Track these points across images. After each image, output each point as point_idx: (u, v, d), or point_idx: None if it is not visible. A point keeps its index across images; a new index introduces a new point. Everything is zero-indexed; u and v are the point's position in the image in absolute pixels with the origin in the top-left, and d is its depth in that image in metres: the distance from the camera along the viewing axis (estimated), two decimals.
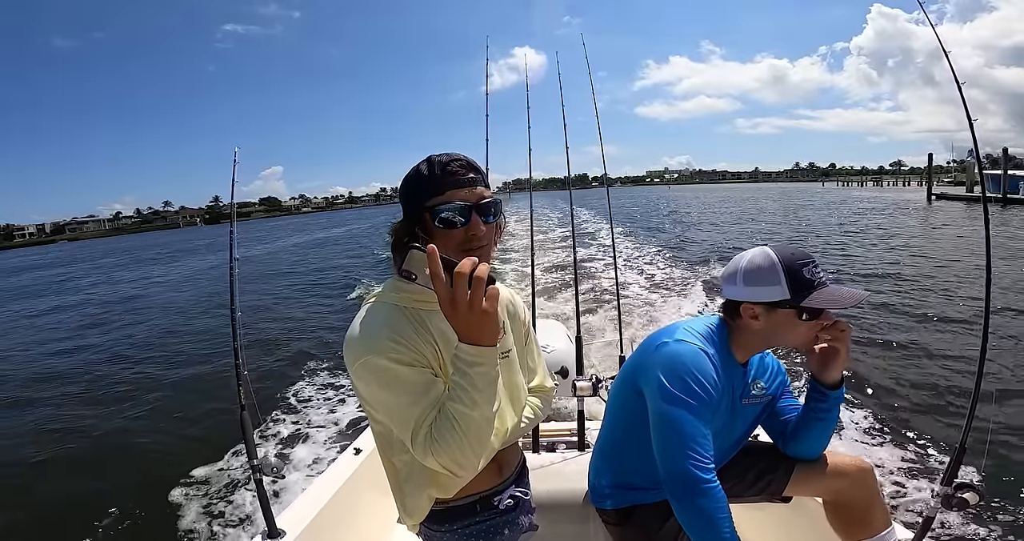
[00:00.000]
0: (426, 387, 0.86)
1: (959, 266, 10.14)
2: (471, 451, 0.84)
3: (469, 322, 0.79)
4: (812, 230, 18.91)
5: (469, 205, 0.89)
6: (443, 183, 0.89)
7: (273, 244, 31.04)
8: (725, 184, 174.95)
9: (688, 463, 1.13)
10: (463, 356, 0.82)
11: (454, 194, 0.89)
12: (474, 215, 0.90)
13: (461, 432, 0.82)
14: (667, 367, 1.20)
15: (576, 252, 3.01)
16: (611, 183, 5.34)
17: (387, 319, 0.90)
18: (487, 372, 0.83)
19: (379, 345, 0.86)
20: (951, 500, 1.27)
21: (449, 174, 0.90)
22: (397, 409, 0.86)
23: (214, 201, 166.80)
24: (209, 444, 4.29)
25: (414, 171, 0.93)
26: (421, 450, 0.85)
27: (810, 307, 1.18)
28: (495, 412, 0.86)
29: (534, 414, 1.09)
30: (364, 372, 0.87)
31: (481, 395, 0.83)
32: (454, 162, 0.90)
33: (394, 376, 0.85)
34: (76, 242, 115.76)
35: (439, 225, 0.89)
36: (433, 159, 0.92)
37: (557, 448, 2.08)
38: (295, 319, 9.37)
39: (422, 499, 0.98)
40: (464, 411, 0.82)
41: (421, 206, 0.90)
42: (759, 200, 45.95)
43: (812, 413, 1.35)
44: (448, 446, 0.83)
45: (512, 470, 1.10)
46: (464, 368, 0.82)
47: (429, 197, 0.90)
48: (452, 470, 0.85)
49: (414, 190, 0.92)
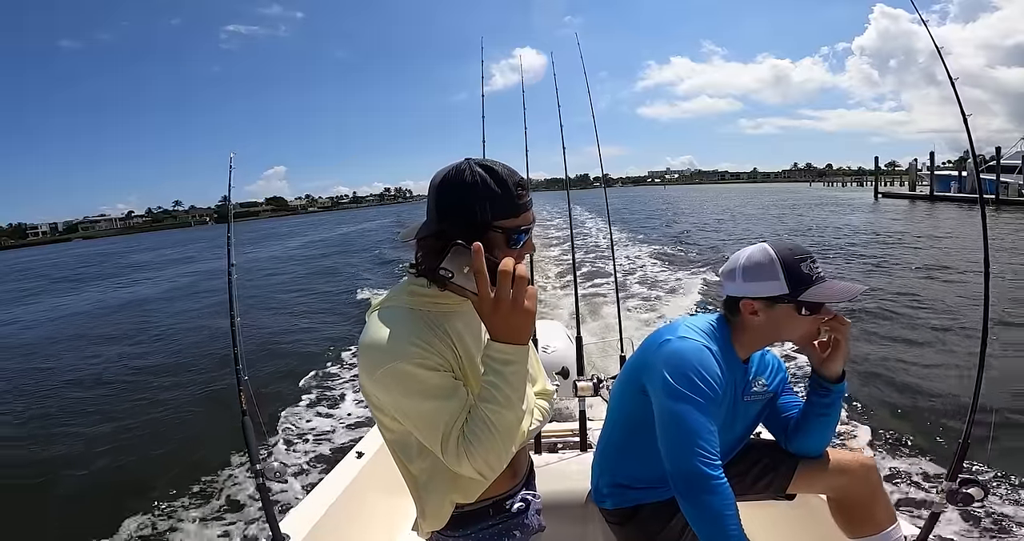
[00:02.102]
0: (452, 391, 0.85)
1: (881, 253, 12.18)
2: (504, 452, 0.84)
3: (510, 320, 0.80)
4: (759, 222, 23.44)
5: (530, 227, 0.92)
6: (518, 206, 0.89)
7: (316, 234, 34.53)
8: (723, 184, 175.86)
9: (696, 460, 1.13)
10: (497, 355, 0.82)
11: (527, 217, 0.90)
12: (529, 236, 0.92)
13: (496, 432, 0.82)
14: (672, 364, 1.20)
15: (575, 252, 3.02)
16: (612, 183, 5.34)
17: (407, 324, 0.87)
18: (520, 370, 0.83)
19: (403, 351, 0.84)
20: (956, 496, 1.27)
21: (519, 196, 0.89)
22: (425, 415, 0.84)
23: (223, 201, 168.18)
24: (211, 450, 4.29)
25: (480, 182, 0.87)
26: (454, 455, 0.83)
27: (808, 301, 1.18)
28: (526, 412, 0.86)
29: (542, 417, 1.09)
30: (388, 380, 0.84)
31: (516, 394, 0.83)
32: (521, 183, 0.90)
33: (421, 381, 0.84)
34: (91, 240, 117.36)
35: (511, 246, 0.89)
36: (501, 175, 0.88)
37: (559, 449, 2.08)
38: (297, 320, 9.39)
39: (444, 505, 0.97)
40: (499, 411, 0.82)
41: (486, 222, 0.87)
42: (736, 197, 52.56)
43: (814, 408, 1.35)
44: (483, 447, 0.82)
45: (524, 473, 1.10)
46: (498, 367, 0.82)
47: (503, 217, 0.88)
48: (483, 473, 0.84)
49: (482, 204, 0.87)
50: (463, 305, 0.91)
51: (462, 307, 0.92)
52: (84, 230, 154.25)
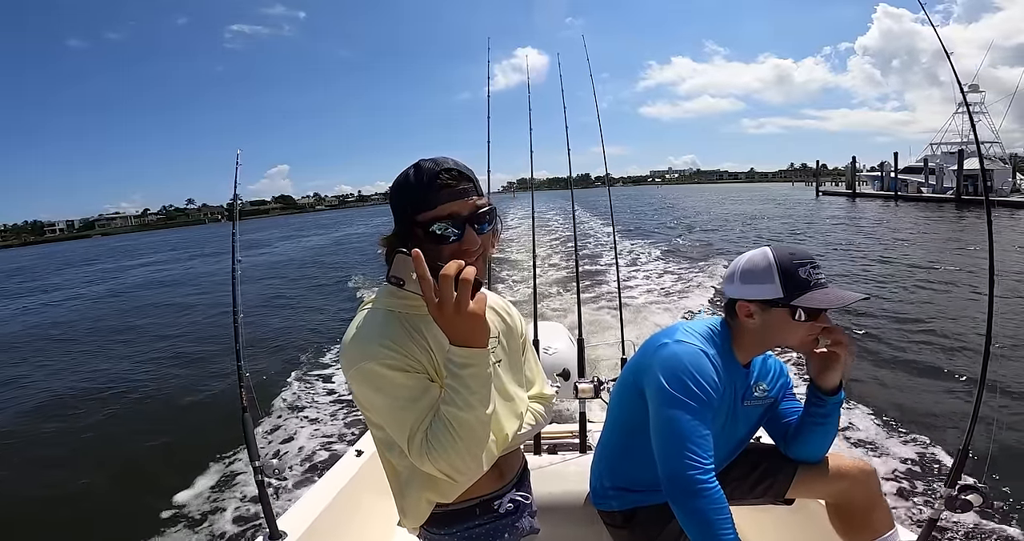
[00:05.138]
0: (421, 392, 0.86)
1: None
2: (468, 455, 0.84)
3: (456, 324, 0.79)
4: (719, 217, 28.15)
5: (463, 217, 0.87)
6: (435, 197, 0.85)
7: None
8: (721, 184, 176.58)
9: (686, 465, 1.12)
10: (454, 358, 0.82)
11: (446, 207, 0.86)
12: (468, 228, 0.87)
13: (457, 435, 0.82)
14: (667, 368, 1.20)
15: (578, 253, 3.02)
16: (613, 183, 5.33)
17: (380, 325, 0.89)
18: (479, 373, 0.83)
19: (372, 351, 0.85)
20: (955, 502, 1.26)
21: (440, 186, 0.85)
22: (392, 414, 0.86)
23: (234, 198, 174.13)
24: (210, 446, 4.29)
25: (403, 178, 0.89)
26: (418, 455, 0.84)
27: (803, 306, 1.18)
28: (490, 414, 0.86)
29: (536, 421, 1.09)
30: (359, 378, 0.86)
31: (475, 397, 0.83)
32: (444, 173, 0.86)
33: (388, 382, 0.85)
34: (109, 236, 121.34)
35: (431, 241, 0.86)
36: (423, 167, 0.87)
37: (559, 450, 2.08)
38: (297, 318, 9.39)
39: (421, 503, 0.98)
40: (458, 413, 0.82)
41: (411, 219, 0.87)
42: (714, 196, 59.90)
43: (811, 418, 1.34)
44: (444, 450, 0.82)
45: (513, 475, 1.09)
46: (456, 370, 0.82)
47: (420, 211, 0.86)
48: (450, 475, 0.85)
49: (403, 201, 0.89)
50: None
51: None
52: (101, 227, 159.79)
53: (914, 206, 28.42)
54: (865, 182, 42.32)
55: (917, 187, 32.82)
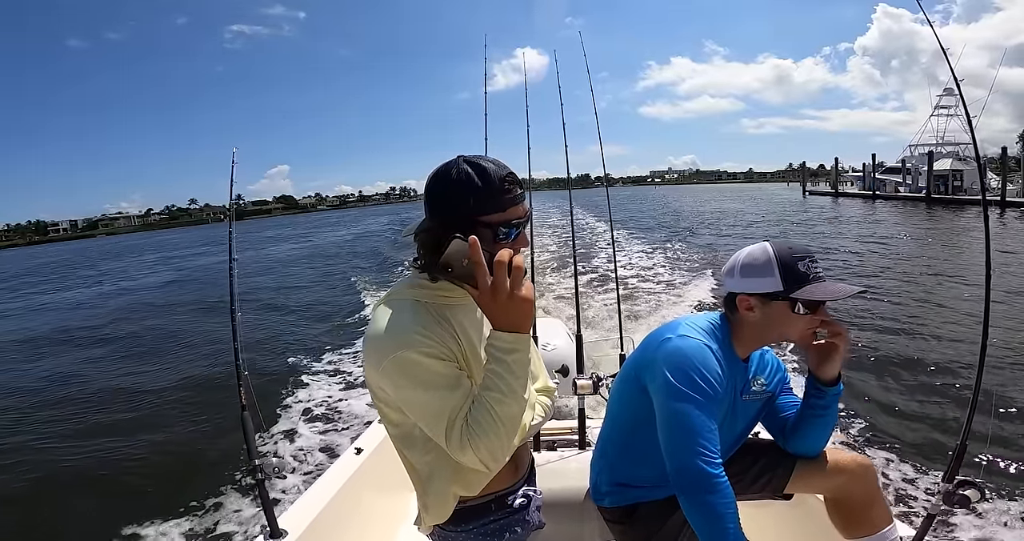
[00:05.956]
0: (456, 380, 0.86)
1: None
2: (507, 441, 0.86)
3: (509, 309, 0.82)
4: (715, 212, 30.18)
5: (523, 221, 0.92)
6: (505, 201, 0.89)
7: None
8: (719, 184, 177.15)
9: (698, 459, 1.13)
10: (499, 344, 0.84)
11: (513, 211, 0.90)
12: (522, 229, 0.93)
13: (499, 421, 0.83)
14: (673, 363, 1.20)
15: (576, 250, 3.02)
16: (612, 183, 5.34)
17: (412, 314, 0.89)
18: (522, 359, 0.85)
19: (409, 340, 0.85)
20: (952, 497, 1.27)
21: (507, 191, 0.90)
22: (430, 404, 0.85)
23: (237, 199, 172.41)
24: (210, 444, 4.30)
25: (464, 178, 0.89)
26: (458, 444, 0.84)
27: (802, 299, 1.19)
28: (527, 400, 0.88)
29: (544, 413, 1.09)
30: (394, 369, 0.85)
31: (518, 382, 0.85)
32: (508, 178, 0.90)
33: (425, 369, 0.85)
34: (113, 236, 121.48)
35: (486, 239, 0.87)
36: (488, 170, 0.89)
37: (558, 447, 2.08)
38: (298, 317, 9.38)
39: (448, 498, 0.97)
40: (501, 399, 0.84)
41: (474, 218, 0.88)
42: (704, 195, 62.65)
43: (810, 410, 1.35)
44: (487, 435, 0.83)
45: (526, 469, 1.11)
46: (500, 356, 0.84)
47: (489, 212, 0.89)
48: (486, 463, 0.85)
49: (466, 199, 0.88)
50: (466, 298, 0.92)
51: (465, 300, 0.93)
52: (104, 227, 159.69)
53: (890, 204, 31.54)
54: (851, 182, 45.03)
55: (895, 187, 35.47)
